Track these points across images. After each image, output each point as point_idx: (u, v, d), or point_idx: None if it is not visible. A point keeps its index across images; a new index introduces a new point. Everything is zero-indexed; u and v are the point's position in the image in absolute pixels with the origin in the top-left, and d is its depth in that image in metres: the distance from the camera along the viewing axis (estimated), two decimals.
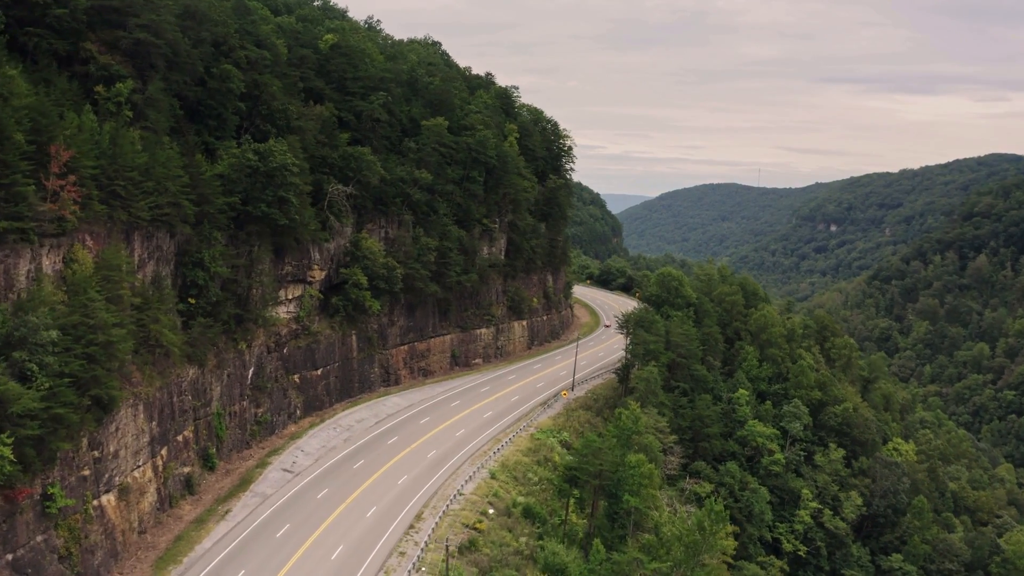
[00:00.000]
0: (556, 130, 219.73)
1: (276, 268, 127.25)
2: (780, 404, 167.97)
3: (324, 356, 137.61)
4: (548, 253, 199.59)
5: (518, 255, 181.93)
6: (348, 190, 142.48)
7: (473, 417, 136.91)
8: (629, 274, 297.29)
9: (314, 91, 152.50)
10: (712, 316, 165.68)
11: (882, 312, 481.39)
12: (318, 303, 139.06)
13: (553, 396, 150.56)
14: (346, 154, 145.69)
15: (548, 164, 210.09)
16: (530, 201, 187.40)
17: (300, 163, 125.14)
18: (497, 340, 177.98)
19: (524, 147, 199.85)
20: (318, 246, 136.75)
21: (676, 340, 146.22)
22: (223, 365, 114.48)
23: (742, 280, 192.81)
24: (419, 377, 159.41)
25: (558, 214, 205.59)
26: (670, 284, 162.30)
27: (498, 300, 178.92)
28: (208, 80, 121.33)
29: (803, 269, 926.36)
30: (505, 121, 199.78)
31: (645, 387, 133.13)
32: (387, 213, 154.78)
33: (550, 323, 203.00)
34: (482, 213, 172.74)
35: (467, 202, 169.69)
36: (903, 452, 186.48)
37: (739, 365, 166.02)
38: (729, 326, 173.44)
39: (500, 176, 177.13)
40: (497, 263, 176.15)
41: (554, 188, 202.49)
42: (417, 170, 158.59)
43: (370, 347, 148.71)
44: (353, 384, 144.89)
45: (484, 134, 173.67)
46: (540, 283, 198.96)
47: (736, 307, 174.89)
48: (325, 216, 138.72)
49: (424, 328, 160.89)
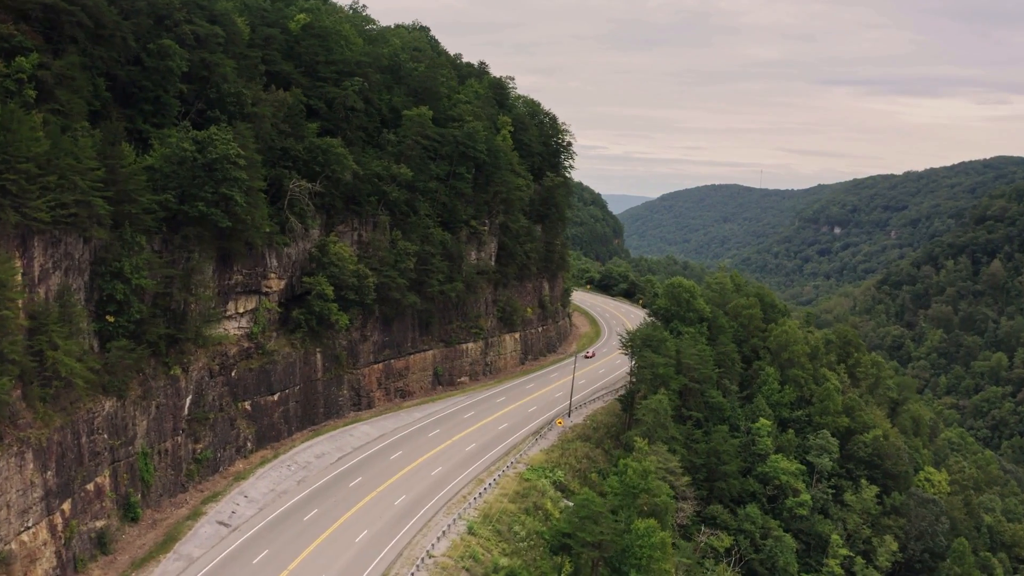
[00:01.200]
0: (554, 124, 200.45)
1: (222, 278, 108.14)
2: (803, 431, 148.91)
3: (282, 378, 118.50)
4: (544, 258, 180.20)
5: (510, 261, 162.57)
6: (313, 187, 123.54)
7: (453, 450, 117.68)
8: (632, 279, 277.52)
9: (280, 75, 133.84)
10: (728, 332, 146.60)
11: (893, 318, 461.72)
12: (276, 317, 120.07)
13: (547, 424, 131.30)
14: (312, 146, 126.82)
15: (545, 161, 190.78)
16: (524, 201, 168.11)
17: (250, 154, 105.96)
18: (486, 356, 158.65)
19: (519, 142, 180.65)
20: (275, 251, 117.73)
21: (689, 362, 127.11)
22: (151, 395, 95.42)
23: (758, 290, 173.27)
24: (396, 399, 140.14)
25: (555, 215, 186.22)
26: (681, 296, 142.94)
27: (487, 311, 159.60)
28: (145, 58, 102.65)
29: (806, 272, 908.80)
30: (498, 113, 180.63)
31: (653, 419, 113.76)
32: (361, 214, 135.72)
33: (546, 335, 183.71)
34: (470, 214, 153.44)
35: (453, 202, 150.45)
36: (935, 483, 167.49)
37: (758, 389, 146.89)
38: (746, 343, 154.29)
39: (491, 173, 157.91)
40: (486, 270, 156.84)
41: (551, 187, 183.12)
42: (396, 165, 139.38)
43: (338, 367, 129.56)
44: (317, 410, 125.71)
45: (473, 126, 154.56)
46: (535, 291, 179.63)
47: (754, 322, 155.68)
48: (285, 217, 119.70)
49: (402, 344, 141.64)
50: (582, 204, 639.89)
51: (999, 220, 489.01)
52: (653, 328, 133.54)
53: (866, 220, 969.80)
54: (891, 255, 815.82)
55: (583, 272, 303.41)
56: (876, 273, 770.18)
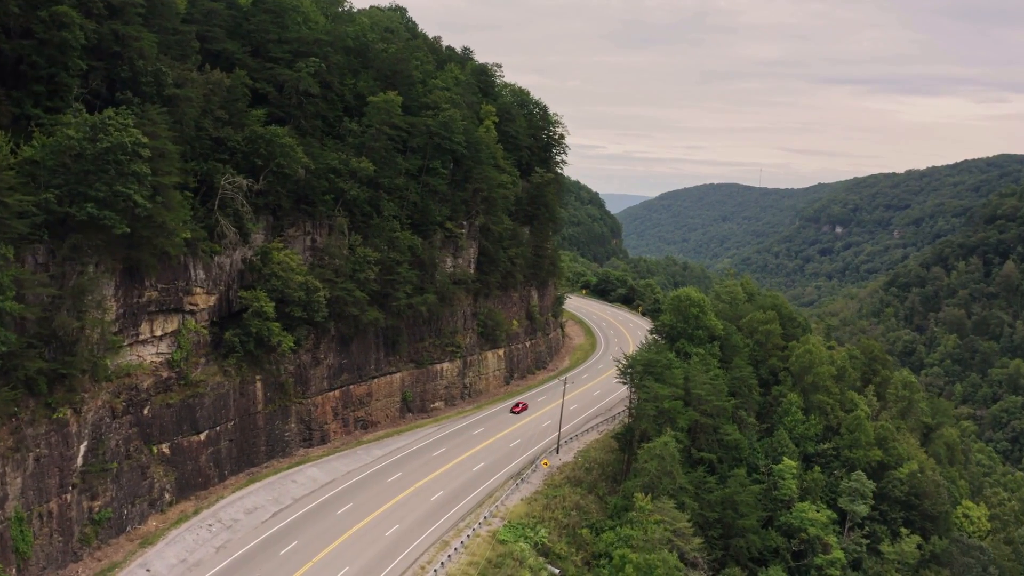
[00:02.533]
0: (545, 115, 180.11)
1: (129, 295, 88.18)
2: (830, 466, 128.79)
3: (211, 413, 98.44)
4: (532, 264, 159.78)
5: (492, 268, 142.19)
6: (251, 184, 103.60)
7: (416, 500, 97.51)
8: (630, 284, 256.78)
9: (223, 55, 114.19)
10: (743, 353, 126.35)
11: (902, 322, 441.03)
12: (206, 340, 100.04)
13: (531, 463, 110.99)
14: (254, 136, 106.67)
15: (535, 156, 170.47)
16: (509, 200, 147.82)
17: (161, 144, 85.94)
18: (464, 377, 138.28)
19: (504, 134, 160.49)
20: (202, 262, 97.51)
21: (700, 393, 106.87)
22: (26, 445, 75.66)
23: (773, 300, 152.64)
24: (356, 431, 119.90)
25: (545, 215, 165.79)
26: (688, 312, 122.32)
27: (466, 326, 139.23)
28: (35, 28, 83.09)
29: (808, 272, 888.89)
30: (481, 102, 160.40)
31: (658, 467, 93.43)
32: (314, 215, 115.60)
33: (534, 350, 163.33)
34: (445, 215, 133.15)
35: (425, 201, 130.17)
36: (974, 519, 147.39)
37: (779, 420, 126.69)
38: (763, 364, 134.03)
39: (470, 168, 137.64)
40: (464, 279, 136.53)
41: (541, 184, 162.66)
42: (356, 159, 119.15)
43: (283, 396, 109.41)
44: (257, 449, 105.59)
45: (450, 115, 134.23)
46: (522, 301, 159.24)
47: (772, 339, 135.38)
48: (214, 220, 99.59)
49: (363, 366, 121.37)
50: (579, 203, 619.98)
51: (1011, 220, 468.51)
52: (656, 350, 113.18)
53: (868, 219, 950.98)
54: (895, 255, 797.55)
55: (579, 276, 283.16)
56: (880, 273, 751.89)
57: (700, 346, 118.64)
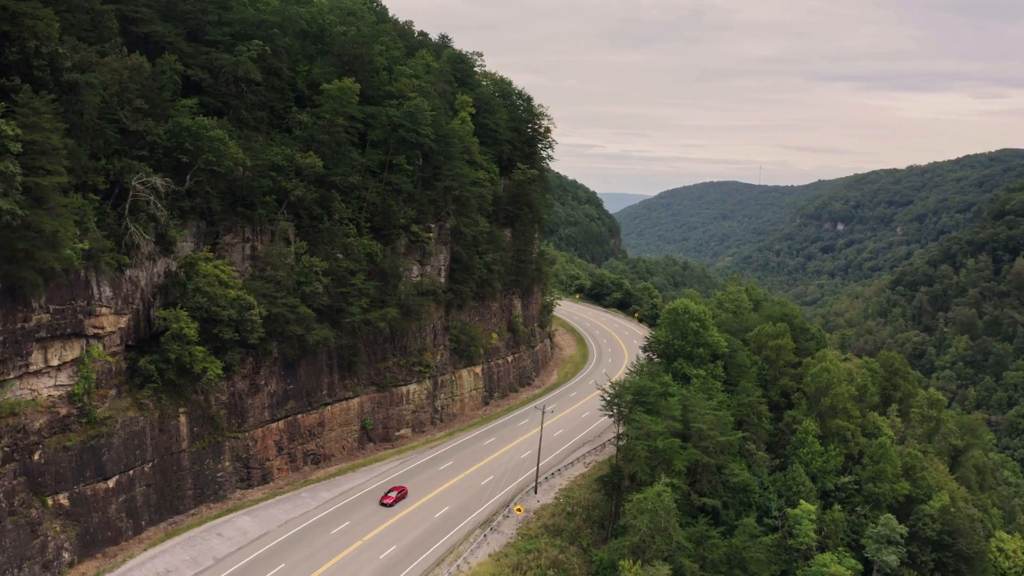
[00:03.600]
0: (529, 107, 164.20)
1: (11, 319, 72.72)
2: (851, 501, 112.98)
3: (123, 455, 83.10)
4: (514, 270, 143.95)
5: (466, 276, 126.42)
6: (170, 184, 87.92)
7: (362, 559, 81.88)
8: (626, 287, 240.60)
9: (152, 38, 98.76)
10: (751, 373, 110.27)
11: (910, 322, 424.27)
12: (119, 369, 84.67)
13: (504, 507, 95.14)
14: (178, 128, 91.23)
15: (518, 151, 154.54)
16: (486, 199, 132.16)
17: (44, 137, 70.75)
18: (435, 400, 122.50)
19: (483, 127, 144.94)
20: (108, 277, 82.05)
21: (701, 427, 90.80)
22: None
23: (782, 308, 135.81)
24: (306, 467, 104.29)
25: (529, 216, 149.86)
26: (687, 327, 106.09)
27: (436, 342, 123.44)
28: None
29: (810, 270, 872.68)
30: (456, 92, 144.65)
31: (650, 523, 77.59)
32: (253, 219, 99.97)
33: (517, 365, 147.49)
34: (410, 217, 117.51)
35: (387, 202, 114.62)
36: (1010, 553, 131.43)
37: (793, 452, 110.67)
38: (774, 385, 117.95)
39: (440, 164, 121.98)
40: (434, 289, 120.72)
41: (523, 181, 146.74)
42: (303, 154, 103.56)
43: (214, 431, 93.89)
44: (182, 493, 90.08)
45: (416, 104, 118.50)
46: (502, 312, 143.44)
47: (784, 355, 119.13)
48: (123, 228, 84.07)
49: (313, 392, 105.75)
50: (576, 203, 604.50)
51: (1020, 215, 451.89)
52: (649, 373, 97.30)
53: (870, 216, 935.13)
54: (898, 252, 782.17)
55: (573, 279, 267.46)
56: (883, 271, 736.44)
57: (701, 367, 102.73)
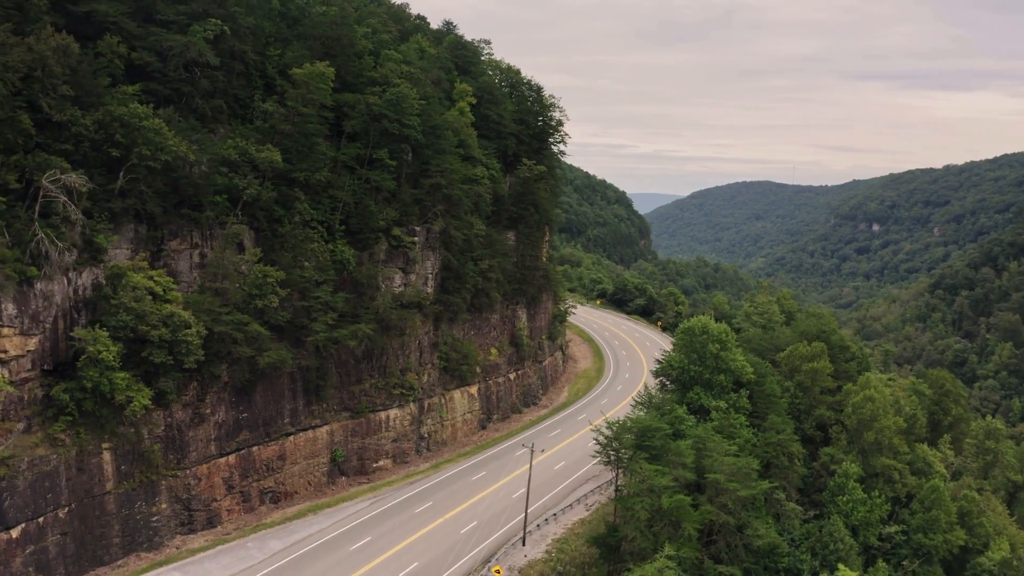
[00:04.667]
0: (539, 98, 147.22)
1: None
2: (896, 554, 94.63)
3: (30, 499, 68.11)
4: (517, 277, 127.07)
5: (458, 285, 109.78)
6: (87, 183, 72.66)
7: None
8: (650, 293, 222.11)
9: (93, 19, 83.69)
10: (781, 404, 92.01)
11: (950, 328, 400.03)
12: (35, 398, 69.71)
13: (483, 566, 78.20)
14: (108, 118, 76.03)
15: (525, 145, 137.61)
16: (483, 198, 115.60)
17: None
18: (420, 426, 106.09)
19: (485, 119, 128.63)
20: (11, 291, 67.08)
21: (718, 478, 73.07)
22: None
23: (818, 321, 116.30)
24: (262, 507, 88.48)
25: (535, 217, 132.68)
26: (705, 349, 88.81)
27: (423, 360, 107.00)
28: None
29: (844, 272, 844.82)
30: (456, 80, 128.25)
31: None
32: (201, 222, 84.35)
33: (521, 383, 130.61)
34: (391, 218, 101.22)
35: (364, 202, 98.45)
36: None
37: (831, 499, 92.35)
38: (808, 416, 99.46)
39: (428, 158, 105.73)
40: (419, 300, 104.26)
41: (529, 179, 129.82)
42: (260, 147, 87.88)
43: (147, 469, 78.32)
44: (108, 542, 74.79)
45: (401, 92, 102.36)
46: (504, 324, 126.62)
47: (820, 380, 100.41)
48: (31, 234, 68.98)
49: (273, 421, 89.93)
50: (605, 203, 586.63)
51: None
52: (658, 407, 79.77)
53: (906, 216, 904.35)
54: (935, 253, 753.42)
55: (594, 284, 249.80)
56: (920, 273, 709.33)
57: (722, 397, 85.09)
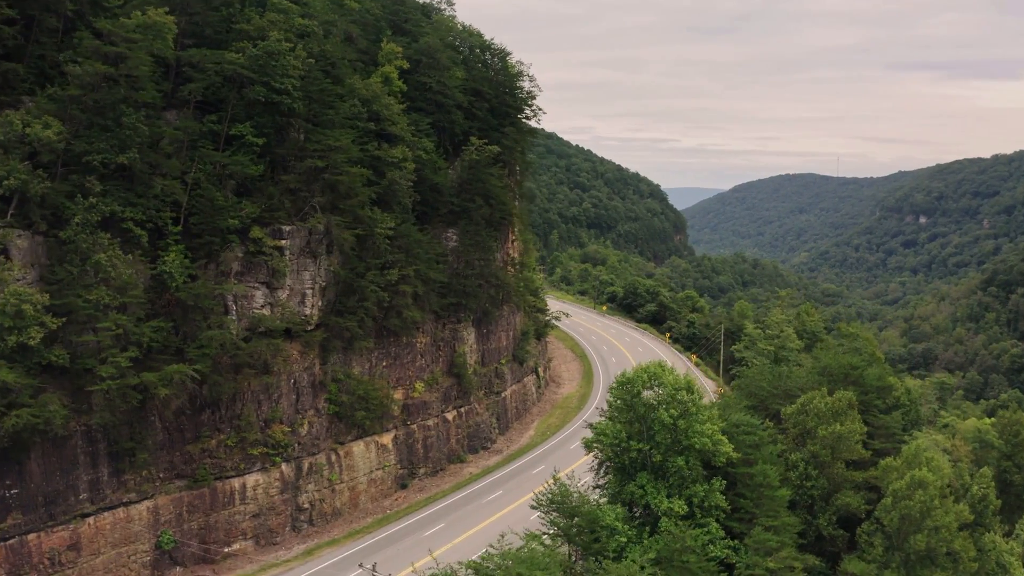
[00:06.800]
0: (505, 65, 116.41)
1: None
2: None
3: None
4: (458, 289, 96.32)
5: (355, 304, 79.47)
6: None
7: None
8: (662, 299, 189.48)
9: None
10: (780, 498, 58.82)
11: (1004, 328, 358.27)
12: None
13: None
14: None
15: (481, 122, 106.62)
16: (398, 186, 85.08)
17: None
18: (299, 492, 76.37)
19: (421, 88, 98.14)
20: None
21: None
22: None
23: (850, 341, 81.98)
24: None
25: (485, 212, 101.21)
26: (655, 415, 51.45)
27: (302, 406, 77.13)
28: None
29: (891, 266, 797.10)
30: (386, 40, 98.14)
31: None
32: None
33: (466, 424, 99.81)
34: (251, 215, 71.62)
35: (211, 193, 69.19)
36: None
37: None
38: (826, 506, 65.49)
39: (309, 133, 76.06)
40: (293, 326, 74.37)
41: (477, 163, 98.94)
42: (31, 120, 59.28)
43: None
44: None
45: (271, 47, 73.10)
46: (439, 350, 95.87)
47: (845, 448, 65.24)
48: None
49: (60, 497, 61.32)
50: (638, 197, 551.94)
51: None
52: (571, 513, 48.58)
53: (954, 208, 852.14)
54: (985, 247, 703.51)
55: (604, 286, 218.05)
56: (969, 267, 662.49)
57: (683, 489, 53.18)
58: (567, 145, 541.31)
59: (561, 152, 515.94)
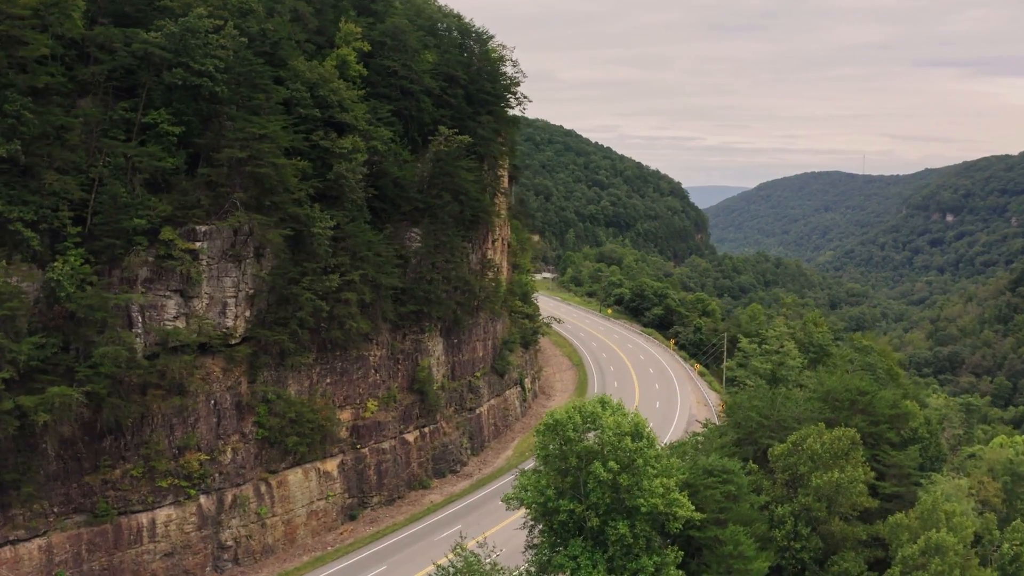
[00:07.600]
0: (485, 51, 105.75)
1: None
2: None
3: None
4: (420, 296, 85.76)
5: (287, 314, 69.28)
6: None
7: None
8: (669, 302, 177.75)
9: None
10: (757, 570, 47.40)
11: None
12: None
13: None
14: None
15: (453, 110, 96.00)
16: (347, 180, 74.85)
17: None
18: (222, 529, 66.47)
19: (384, 72, 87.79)
20: None
21: None
22: None
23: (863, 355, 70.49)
24: None
25: (454, 209, 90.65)
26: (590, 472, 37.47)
27: (225, 431, 67.11)
28: None
29: (917, 265, 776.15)
30: (348, 21, 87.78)
31: None
32: None
33: (430, 445, 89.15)
34: (161, 214, 61.61)
35: (115, 190, 59.37)
36: None
37: None
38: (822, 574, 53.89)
39: (233, 119, 65.97)
40: (211, 340, 64.50)
41: (445, 155, 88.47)
42: None
43: None
44: None
45: (191, 23, 63.24)
46: (397, 363, 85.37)
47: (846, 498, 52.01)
48: None
49: None
50: (658, 195, 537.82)
51: None
52: None
53: (981, 206, 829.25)
54: (1014, 245, 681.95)
55: (613, 286, 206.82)
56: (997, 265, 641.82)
57: (630, 564, 41.62)
58: (586, 143, 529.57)
59: (580, 150, 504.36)
